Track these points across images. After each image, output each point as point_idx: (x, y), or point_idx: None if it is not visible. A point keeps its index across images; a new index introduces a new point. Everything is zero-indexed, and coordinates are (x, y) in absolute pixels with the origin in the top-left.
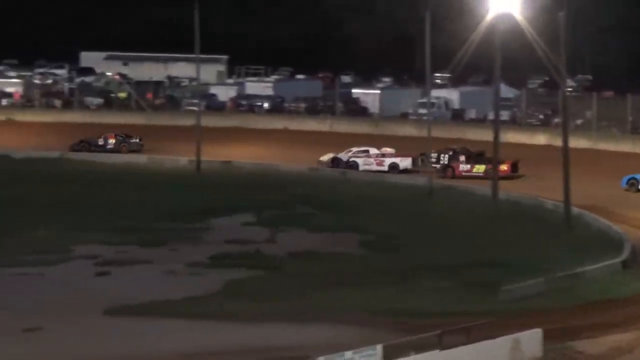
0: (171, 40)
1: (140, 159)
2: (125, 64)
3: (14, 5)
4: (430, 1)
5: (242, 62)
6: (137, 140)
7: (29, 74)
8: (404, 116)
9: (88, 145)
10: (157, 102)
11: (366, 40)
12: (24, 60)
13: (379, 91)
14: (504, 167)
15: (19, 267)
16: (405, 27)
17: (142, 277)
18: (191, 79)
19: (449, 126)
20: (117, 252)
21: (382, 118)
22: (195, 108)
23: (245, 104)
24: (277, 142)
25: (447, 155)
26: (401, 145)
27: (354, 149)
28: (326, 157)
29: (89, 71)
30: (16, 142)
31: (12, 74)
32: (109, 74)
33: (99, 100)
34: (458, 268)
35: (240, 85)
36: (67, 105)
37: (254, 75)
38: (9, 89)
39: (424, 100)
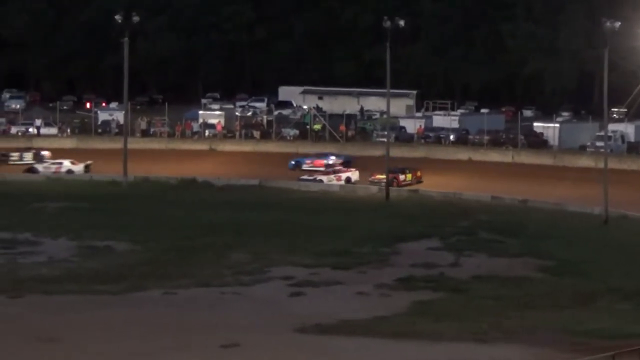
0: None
1: (333, 187)
2: (320, 98)
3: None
4: (608, 40)
5: (430, 97)
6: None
7: (231, 106)
8: (582, 149)
9: None
10: (350, 133)
11: (548, 76)
12: (227, 93)
13: (558, 125)
14: None
15: (217, 287)
16: (585, 64)
17: (334, 297)
18: (382, 112)
19: (624, 158)
20: (311, 273)
21: (561, 150)
22: (384, 139)
23: (432, 136)
24: (462, 172)
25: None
26: (581, 176)
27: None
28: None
29: (286, 104)
30: (218, 170)
31: (215, 106)
32: (305, 107)
33: (295, 132)
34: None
35: (428, 118)
36: (265, 136)
37: (441, 109)
38: (212, 121)
39: (601, 133)
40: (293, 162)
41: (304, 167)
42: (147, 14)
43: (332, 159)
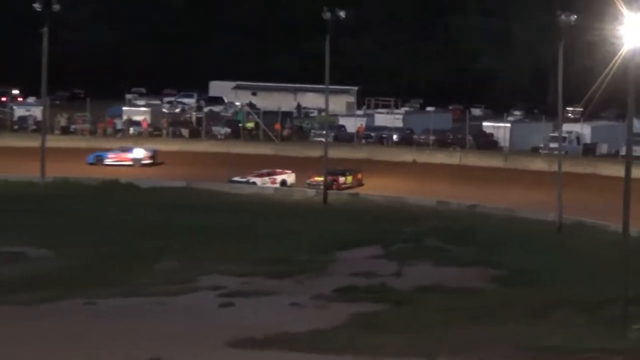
0: (304, 72)
1: (267, 190)
2: (254, 94)
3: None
4: (564, 34)
5: (372, 94)
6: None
7: (158, 102)
8: (535, 150)
9: None
10: (285, 132)
11: (500, 72)
12: (153, 89)
13: (509, 124)
14: None
15: (141, 297)
16: (540, 60)
17: (267, 308)
18: (320, 110)
19: (579, 161)
20: (243, 283)
21: (513, 152)
22: (323, 139)
23: (374, 136)
24: (406, 174)
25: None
26: (533, 180)
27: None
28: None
29: (217, 100)
30: (142, 171)
31: (140, 102)
32: (237, 103)
33: (226, 130)
34: (595, 304)
35: (370, 116)
36: (195, 134)
37: (384, 106)
38: (137, 118)
39: (556, 134)
40: (92, 157)
41: (107, 161)
42: (71, 3)
43: (137, 152)
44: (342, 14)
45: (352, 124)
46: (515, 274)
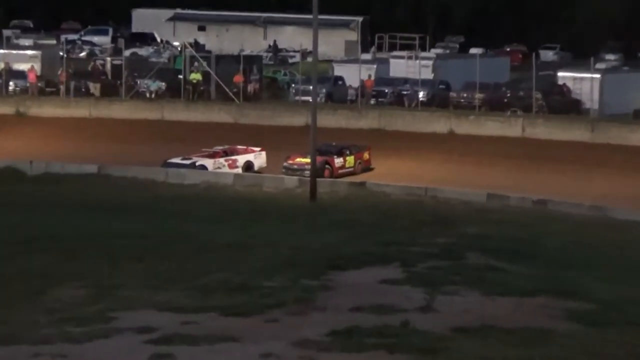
0: None
1: (223, 178)
2: (201, 29)
3: None
4: None
5: (385, 28)
6: None
7: (53, 42)
8: (638, 115)
9: None
10: (252, 88)
11: None
12: (45, 21)
13: (598, 75)
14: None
15: (26, 346)
16: None
17: None
18: (304, 52)
19: None
20: (186, 322)
21: (603, 118)
22: (308, 99)
23: (388, 93)
24: (438, 153)
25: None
26: (634, 161)
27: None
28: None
29: (144, 39)
30: (29, 148)
31: (26, 42)
32: (175, 43)
33: (159, 85)
34: None
35: (382, 63)
36: (110, 91)
37: (404, 47)
38: (21, 66)
39: None
40: None
41: None
42: None
43: None
44: None
45: (354, 75)
46: (605, 308)
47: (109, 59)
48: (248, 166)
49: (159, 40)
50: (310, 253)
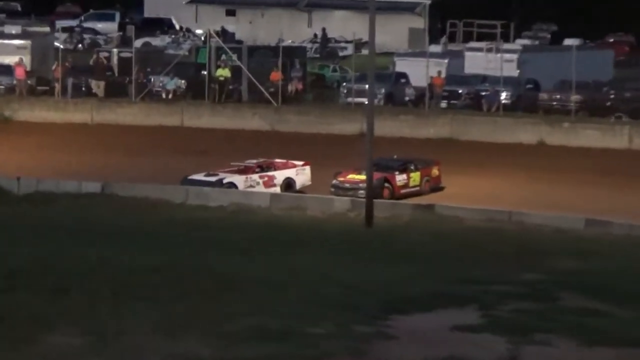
0: None
1: (257, 199)
2: (230, 13)
3: None
4: None
5: (459, 14)
6: None
7: (46, 30)
8: None
9: None
10: (293, 87)
11: None
12: (37, 4)
13: None
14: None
15: None
16: None
17: None
18: (358, 43)
19: None
20: None
21: None
22: (364, 100)
23: (463, 94)
24: (523, 169)
25: None
26: None
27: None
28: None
29: (159, 26)
30: (17, 161)
31: (12, 30)
32: (198, 31)
33: (178, 83)
34: None
35: (455, 57)
36: (117, 91)
37: (482, 38)
38: (6, 60)
39: None
40: None
41: None
42: None
43: None
44: None
45: (420, 72)
46: None
47: (115, 50)
48: (288, 184)
49: (177, 27)
50: (365, 292)
